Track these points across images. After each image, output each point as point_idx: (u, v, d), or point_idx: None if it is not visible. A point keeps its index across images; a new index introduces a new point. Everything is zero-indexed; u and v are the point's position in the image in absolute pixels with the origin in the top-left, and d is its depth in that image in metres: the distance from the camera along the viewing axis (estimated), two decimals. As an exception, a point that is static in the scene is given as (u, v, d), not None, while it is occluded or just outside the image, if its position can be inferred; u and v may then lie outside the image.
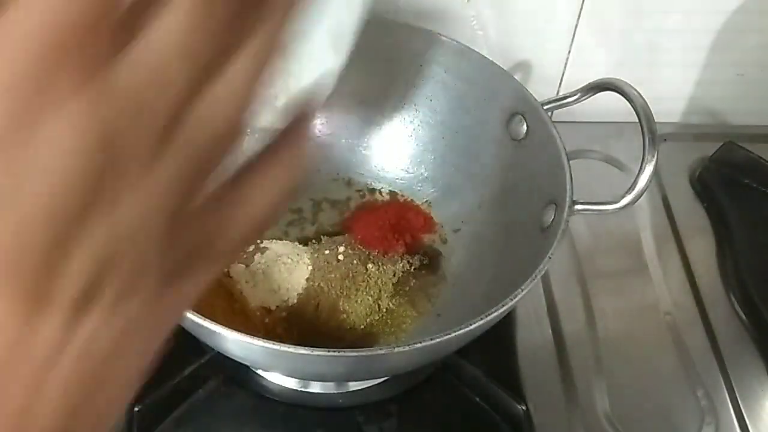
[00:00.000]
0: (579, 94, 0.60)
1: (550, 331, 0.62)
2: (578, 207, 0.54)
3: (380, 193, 0.68)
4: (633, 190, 0.54)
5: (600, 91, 0.58)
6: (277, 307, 0.59)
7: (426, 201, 0.67)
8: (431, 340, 0.46)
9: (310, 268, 0.61)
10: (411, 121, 0.67)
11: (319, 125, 0.68)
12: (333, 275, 0.61)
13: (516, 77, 0.62)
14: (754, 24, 0.72)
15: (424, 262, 0.64)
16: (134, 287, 0.21)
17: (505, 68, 0.62)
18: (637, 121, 0.55)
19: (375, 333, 0.59)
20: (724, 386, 0.60)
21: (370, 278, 0.61)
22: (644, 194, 0.54)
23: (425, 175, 0.68)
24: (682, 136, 0.78)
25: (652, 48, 0.73)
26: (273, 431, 0.56)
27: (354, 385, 0.57)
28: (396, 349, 0.46)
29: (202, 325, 0.45)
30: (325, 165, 0.68)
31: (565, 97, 0.60)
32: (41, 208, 0.19)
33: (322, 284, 0.60)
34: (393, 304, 0.61)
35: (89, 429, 0.22)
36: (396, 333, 0.59)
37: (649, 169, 0.53)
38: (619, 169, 0.73)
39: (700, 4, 0.71)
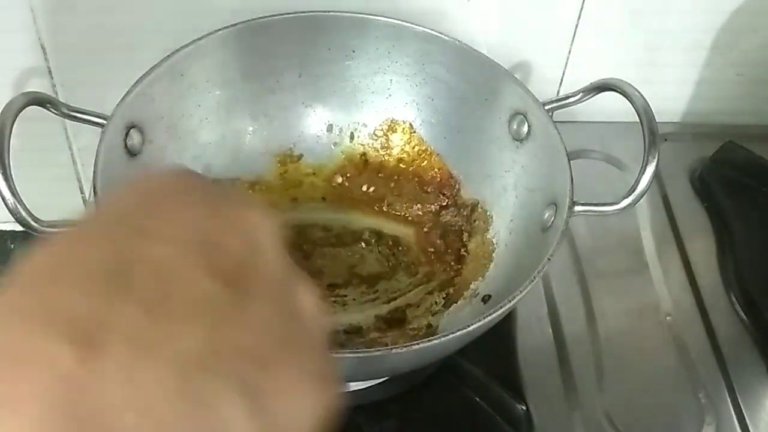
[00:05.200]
0: (581, 95, 0.60)
1: (550, 331, 0.62)
2: (579, 208, 0.54)
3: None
4: (634, 191, 0.54)
5: (602, 92, 0.58)
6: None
7: (427, 200, 0.67)
8: (430, 341, 0.46)
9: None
10: (413, 121, 0.67)
11: (322, 125, 0.68)
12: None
13: (516, 77, 0.62)
14: (754, 24, 0.72)
15: (425, 262, 0.64)
16: None
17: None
18: (638, 120, 0.55)
19: (375, 333, 0.59)
20: (724, 386, 0.60)
21: (370, 279, 0.61)
22: (644, 194, 0.54)
23: (426, 174, 0.68)
24: (682, 136, 0.78)
25: (652, 48, 0.73)
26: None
27: (354, 385, 0.57)
28: (394, 350, 0.46)
29: None
30: (328, 165, 0.68)
31: (566, 98, 0.60)
32: None
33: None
34: (393, 304, 0.61)
35: None
36: (396, 333, 0.59)
37: (650, 170, 0.53)
38: (620, 169, 0.73)
39: (700, 4, 0.70)
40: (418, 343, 0.46)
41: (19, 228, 0.47)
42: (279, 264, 0.23)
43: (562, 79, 0.74)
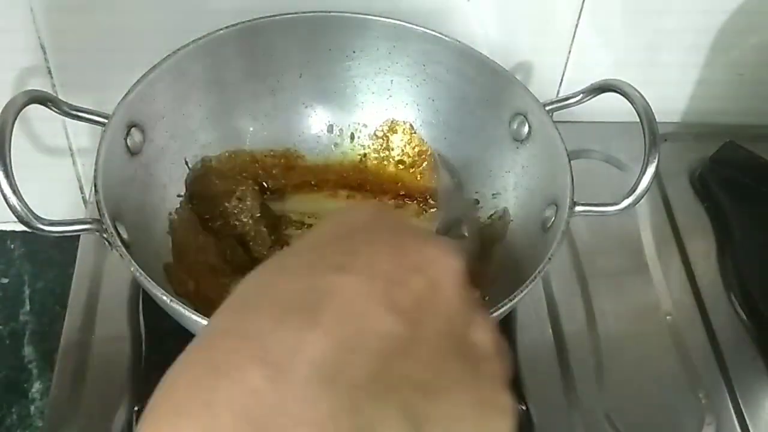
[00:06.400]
0: (581, 95, 0.59)
1: (550, 331, 0.62)
2: (579, 208, 0.54)
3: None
4: (635, 191, 0.54)
5: (602, 92, 0.58)
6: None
7: (426, 201, 0.67)
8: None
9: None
10: (413, 121, 0.67)
11: (323, 125, 0.68)
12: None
13: (516, 77, 0.62)
14: (754, 24, 0.72)
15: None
16: None
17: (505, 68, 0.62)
18: (638, 120, 0.55)
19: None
20: (724, 386, 0.60)
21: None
22: (645, 195, 0.54)
23: (426, 174, 0.68)
24: (682, 136, 0.78)
25: (652, 48, 0.73)
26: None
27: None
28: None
29: (204, 325, 0.45)
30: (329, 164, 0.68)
31: (567, 98, 0.60)
32: None
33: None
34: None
35: None
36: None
37: (650, 171, 0.53)
38: (620, 169, 0.73)
39: (700, 4, 0.71)
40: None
41: (19, 228, 0.47)
42: (456, 301, 0.26)
43: (562, 80, 0.74)
